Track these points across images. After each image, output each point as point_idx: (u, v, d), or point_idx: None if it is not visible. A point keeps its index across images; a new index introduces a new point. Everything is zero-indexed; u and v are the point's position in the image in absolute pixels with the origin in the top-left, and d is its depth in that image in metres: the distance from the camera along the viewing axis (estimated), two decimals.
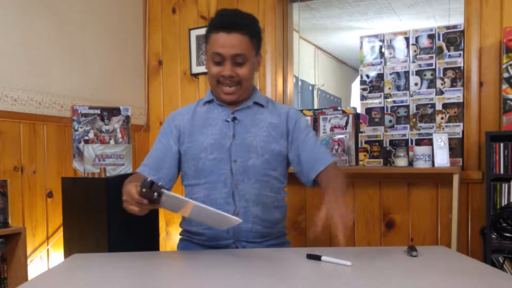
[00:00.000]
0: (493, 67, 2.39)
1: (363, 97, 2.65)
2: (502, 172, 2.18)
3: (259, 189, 1.47)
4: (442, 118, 2.46)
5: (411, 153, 2.40)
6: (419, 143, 2.46)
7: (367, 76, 2.64)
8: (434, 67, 2.49)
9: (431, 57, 2.50)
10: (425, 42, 2.51)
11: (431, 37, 2.50)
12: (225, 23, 1.42)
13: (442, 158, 2.26)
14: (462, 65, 2.44)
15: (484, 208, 2.25)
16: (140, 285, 1.03)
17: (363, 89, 2.65)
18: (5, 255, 2.13)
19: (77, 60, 2.73)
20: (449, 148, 2.29)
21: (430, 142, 2.39)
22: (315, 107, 5.95)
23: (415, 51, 2.53)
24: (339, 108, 2.69)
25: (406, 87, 2.55)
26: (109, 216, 2.12)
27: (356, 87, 6.82)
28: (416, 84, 2.53)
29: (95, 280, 1.06)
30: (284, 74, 3.06)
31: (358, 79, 2.75)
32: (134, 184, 1.17)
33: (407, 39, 2.56)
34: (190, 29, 3.13)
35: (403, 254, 1.24)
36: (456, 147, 2.42)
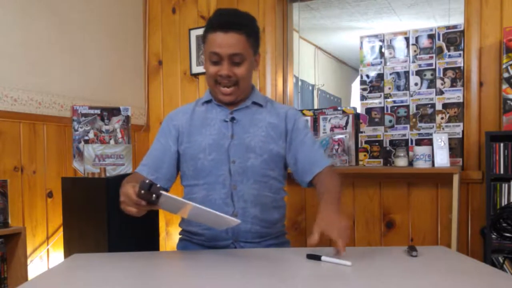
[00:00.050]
0: (493, 67, 2.39)
1: (363, 97, 2.65)
2: (502, 172, 2.18)
3: (258, 189, 1.47)
4: (442, 118, 2.46)
5: (411, 153, 2.40)
6: (419, 143, 2.46)
7: (367, 76, 2.64)
8: (434, 67, 2.49)
9: (431, 57, 2.50)
10: (425, 42, 2.51)
11: (431, 37, 2.50)
12: (222, 22, 1.41)
13: (442, 158, 2.26)
14: (462, 65, 2.44)
15: (484, 208, 2.25)
16: (140, 285, 1.03)
17: (363, 89, 2.65)
18: (5, 255, 2.13)
19: (77, 60, 2.73)
20: (449, 148, 2.29)
21: (430, 142, 2.39)
22: (315, 107, 5.95)
23: (415, 51, 2.53)
24: (339, 108, 2.69)
25: (406, 87, 2.55)
26: (109, 216, 2.12)
27: (356, 87, 6.81)
28: (416, 84, 2.53)
29: (95, 280, 1.06)
30: (284, 74, 3.06)
31: (358, 79, 2.75)
32: (131, 185, 1.16)
33: (407, 39, 2.56)
34: (190, 29, 3.13)
35: (403, 254, 1.24)
36: (456, 147, 2.42)
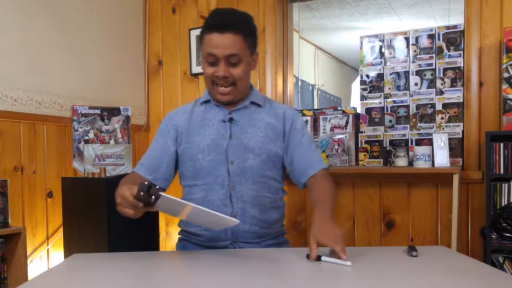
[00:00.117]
0: (493, 67, 2.39)
1: (363, 97, 2.65)
2: (502, 172, 2.18)
3: (256, 190, 1.47)
4: (442, 118, 2.46)
5: (411, 153, 2.40)
6: (419, 143, 2.46)
7: (367, 76, 2.64)
8: (434, 67, 2.49)
9: (431, 57, 2.50)
10: (425, 42, 2.51)
11: (431, 37, 2.50)
12: (218, 23, 1.40)
13: (442, 158, 2.26)
14: (462, 65, 2.44)
15: (484, 208, 2.25)
16: (140, 285, 1.03)
17: (363, 89, 2.65)
18: (5, 255, 2.13)
19: (77, 60, 2.73)
20: (449, 148, 2.29)
21: (430, 142, 2.39)
22: (315, 107, 5.95)
23: (415, 51, 2.53)
24: (339, 108, 2.69)
25: (406, 87, 2.55)
26: (109, 216, 2.12)
27: (356, 87, 6.81)
28: (416, 84, 2.53)
29: (95, 280, 1.06)
30: (284, 74, 3.06)
31: (358, 79, 2.75)
32: (127, 186, 1.16)
33: (407, 39, 2.55)
34: (190, 29, 3.13)
35: (403, 254, 1.24)
36: (456, 147, 2.42)
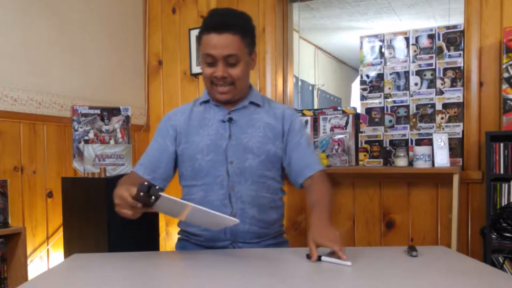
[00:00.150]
0: (493, 67, 2.39)
1: (363, 97, 2.65)
2: (502, 172, 2.18)
3: (255, 190, 1.47)
4: (442, 118, 2.46)
5: (411, 153, 2.40)
6: (419, 143, 2.46)
7: (367, 76, 2.64)
8: (434, 67, 2.49)
9: (431, 57, 2.50)
10: (425, 42, 2.51)
11: (431, 37, 2.50)
12: (215, 23, 1.40)
13: (442, 158, 2.26)
14: (462, 65, 2.44)
15: (484, 208, 2.25)
16: (140, 285, 1.02)
17: (363, 89, 2.65)
18: (5, 255, 2.13)
19: (77, 60, 2.73)
20: (449, 148, 2.29)
21: (430, 142, 2.39)
22: (315, 107, 5.95)
23: (415, 51, 2.53)
24: (339, 108, 2.69)
25: (406, 87, 2.55)
26: (109, 216, 2.12)
27: (356, 87, 6.81)
28: (416, 84, 2.53)
29: (95, 280, 1.06)
30: (284, 74, 3.06)
31: (358, 79, 2.75)
32: (125, 187, 1.16)
33: (407, 39, 2.55)
34: (190, 29, 3.13)
35: (403, 254, 1.24)
36: (456, 147, 2.42)
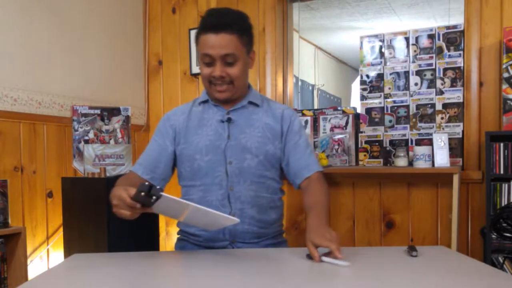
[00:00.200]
0: (493, 67, 2.39)
1: (363, 97, 2.65)
2: (502, 172, 2.18)
3: (254, 190, 1.48)
4: (442, 118, 2.46)
5: (411, 153, 2.40)
6: (419, 143, 2.46)
7: (367, 76, 2.64)
8: (434, 67, 2.49)
9: (431, 57, 2.50)
10: (425, 42, 2.51)
11: (431, 37, 2.50)
12: (212, 23, 1.40)
13: (442, 158, 2.26)
14: (462, 65, 2.44)
15: (484, 208, 2.25)
16: (140, 285, 1.02)
17: (363, 89, 2.65)
18: (5, 255, 2.13)
19: (77, 60, 2.73)
20: (449, 148, 2.29)
21: (430, 142, 2.39)
22: (315, 107, 5.95)
23: (415, 51, 2.53)
24: (339, 108, 2.69)
25: (406, 87, 2.55)
26: (109, 216, 2.12)
27: (356, 87, 6.81)
28: (416, 84, 2.53)
29: (95, 280, 1.06)
30: (284, 74, 3.06)
31: (358, 79, 2.75)
32: (123, 188, 1.15)
33: (407, 39, 2.55)
34: (190, 29, 3.13)
35: (403, 254, 1.24)
36: (456, 147, 2.42)
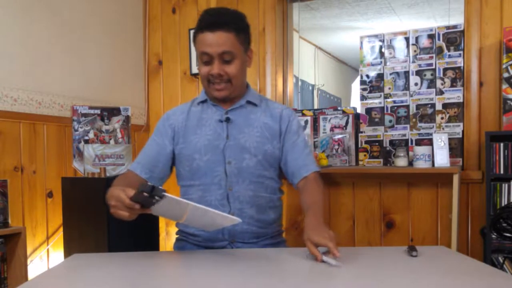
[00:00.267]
0: (493, 67, 2.39)
1: (363, 97, 2.65)
2: (502, 172, 2.18)
3: (253, 190, 1.48)
4: (442, 118, 2.46)
5: (411, 153, 2.40)
6: (419, 143, 2.46)
7: (367, 76, 2.64)
8: (434, 67, 2.49)
9: (431, 57, 2.50)
10: (425, 42, 2.51)
11: (431, 37, 2.50)
12: (209, 22, 1.42)
13: (442, 158, 2.26)
14: (462, 65, 2.44)
15: (484, 208, 2.25)
16: (140, 285, 1.02)
17: (363, 89, 2.65)
18: (5, 255, 2.13)
19: (77, 60, 2.73)
20: (449, 148, 2.29)
21: (430, 142, 2.39)
22: (315, 107, 5.95)
23: (415, 51, 2.53)
24: (339, 108, 2.69)
25: (406, 87, 2.55)
26: (109, 216, 2.10)
27: (356, 87, 6.82)
28: (416, 84, 2.53)
29: (95, 280, 1.06)
30: (284, 74, 3.06)
31: (358, 79, 2.75)
32: (121, 188, 1.15)
33: (407, 39, 2.55)
34: (190, 29, 3.13)
35: (403, 254, 1.24)
36: (456, 147, 2.42)
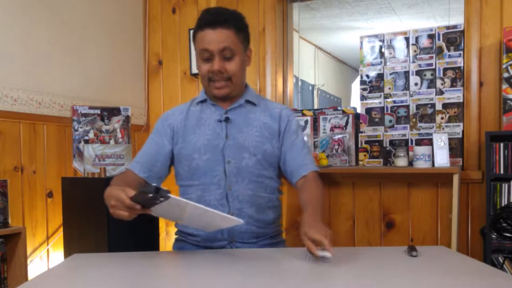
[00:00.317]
0: (493, 67, 2.39)
1: (363, 97, 2.65)
2: (502, 172, 2.18)
3: (253, 190, 1.48)
4: (442, 118, 2.46)
5: (411, 153, 2.40)
6: (419, 143, 2.46)
7: (367, 76, 2.64)
8: (434, 67, 2.49)
9: (431, 57, 2.50)
10: (425, 42, 2.51)
11: (431, 37, 2.50)
12: (209, 20, 1.44)
13: (442, 158, 2.26)
14: (462, 65, 2.44)
15: (484, 208, 2.25)
16: (140, 285, 1.02)
17: (363, 89, 2.65)
18: (5, 255, 2.13)
19: (77, 60, 2.73)
20: (449, 148, 2.29)
21: (430, 142, 2.39)
22: (315, 107, 5.95)
23: (415, 51, 2.53)
24: (339, 108, 2.69)
25: (406, 87, 2.55)
26: (109, 216, 2.10)
27: (356, 87, 6.82)
28: (416, 84, 2.53)
29: (95, 280, 1.06)
30: (284, 74, 3.06)
31: (358, 79, 2.75)
32: (120, 188, 1.15)
33: (407, 39, 2.55)
34: (190, 29, 3.13)
35: (403, 254, 1.24)
36: (456, 147, 2.42)
